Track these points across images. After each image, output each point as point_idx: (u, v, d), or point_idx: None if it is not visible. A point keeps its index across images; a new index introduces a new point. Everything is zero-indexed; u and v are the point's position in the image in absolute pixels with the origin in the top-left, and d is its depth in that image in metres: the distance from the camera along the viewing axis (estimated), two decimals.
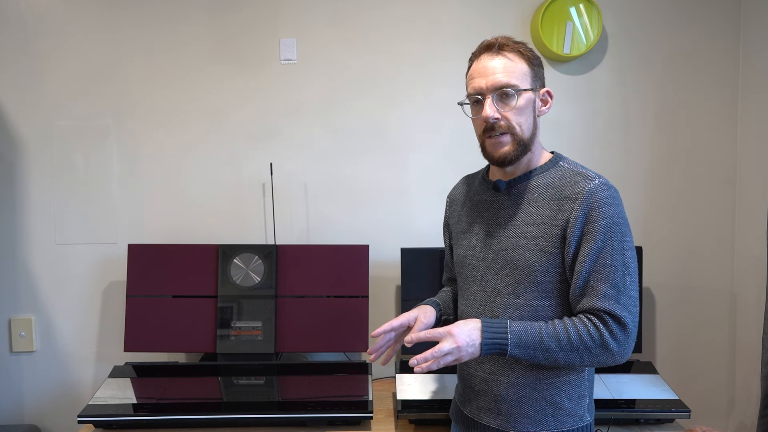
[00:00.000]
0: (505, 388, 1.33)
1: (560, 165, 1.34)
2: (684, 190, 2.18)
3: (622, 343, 1.23)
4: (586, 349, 1.22)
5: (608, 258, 1.23)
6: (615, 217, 1.24)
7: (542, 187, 1.31)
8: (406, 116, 2.15)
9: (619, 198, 1.28)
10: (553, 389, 1.31)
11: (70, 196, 2.12)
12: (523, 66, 1.30)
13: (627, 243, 1.26)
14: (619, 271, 1.24)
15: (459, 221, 1.47)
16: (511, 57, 1.29)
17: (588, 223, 1.24)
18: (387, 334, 1.38)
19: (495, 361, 1.34)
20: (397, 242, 2.13)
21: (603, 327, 1.22)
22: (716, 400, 2.22)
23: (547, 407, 1.31)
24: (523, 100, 1.28)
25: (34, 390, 2.16)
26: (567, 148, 2.11)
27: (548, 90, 1.35)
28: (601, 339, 1.22)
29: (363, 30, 2.13)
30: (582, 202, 1.25)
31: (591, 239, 1.24)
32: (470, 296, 1.39)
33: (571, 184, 1.28)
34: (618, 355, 1.24)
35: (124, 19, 2.10)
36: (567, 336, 1.22)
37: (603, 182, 1.27)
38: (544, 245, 1.28)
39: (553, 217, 1.28)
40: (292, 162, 2.15)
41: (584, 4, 2.06)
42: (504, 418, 1.33)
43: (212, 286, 2.01)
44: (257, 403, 1.72)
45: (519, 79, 1.28)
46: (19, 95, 2.10)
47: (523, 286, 1.30)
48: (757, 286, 2.05)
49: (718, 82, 2.16)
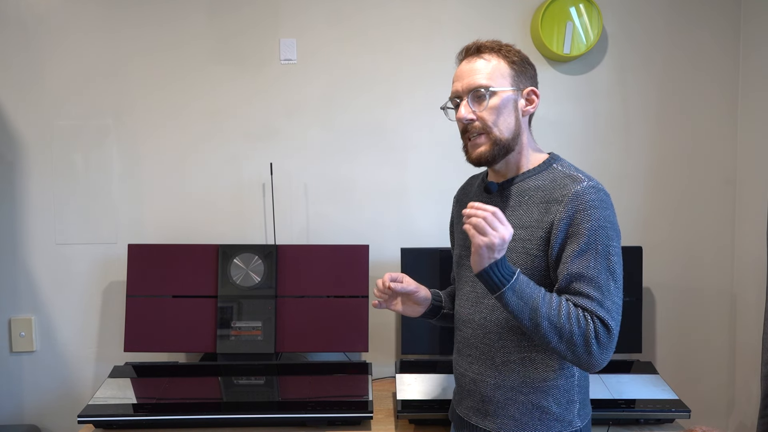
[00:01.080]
0: (492, 390, 1.33)
1: (553, 167, 1.32)
2: (684, 190, 2.18)
3: (603, 346, 1.19)
4: (570, 332, 1.18)
5: (592, 261, 1.20)
6: (601, 221, 1.22)
7: (533, 189, 1.31)
8: (406, 116, 2.15)
9: (608, 202, 1.25)
10: (539, 393, 1.29)
11: (70, 196, 2.12)
12: (501, 66, 1.30)
13: (613, 248, 1.22)
14: (603, 275, 1.21)
15: (459, 221, 1.48)
16: (488, 58, 1.30)
17: (573, 225, 1.22)
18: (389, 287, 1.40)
19: (483, 362, 1.34)
20: (397, 242, 2.13)
21: (591, 321, 1.19)
22: (716, 400, 2.22)
23: (533, 410, 1.30)
24: (498, 99, 1.28)
25: (34, 390, 2.16)
26: (567, 148, 2.11)
27: (533, 89, 1.32)
28: (586, 329, 1.18)
29: (363, 30, 2.13)
30: (567, 204, 1.23)
31: (575, 241, 1.22)
32: (463, 296, 1.40)
33: (560, 187, 1.26)
34: (595, 357, 1.19)
35: (124, 19, 2.10)
36: (558, 309, 1.19)
37: (592, 185, 1.24)
38: (529, 248, 1.27)
39: (540, 219, 1.27)
40: (292, 162, 2.15)
41: (584, 4, 2.06)
42: (491, 420, 1.33)
43: (212, 286, 2.00)
44: (257, 403, 1.72)
45: (494, 80, 1.28)
46: (19, 95, 2.10)
47: None
48: (757, 287, 2.05)
49: (718, 81, 2.16)
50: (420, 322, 1.99)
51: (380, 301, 1.42)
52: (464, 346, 1.39)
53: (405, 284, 1.40)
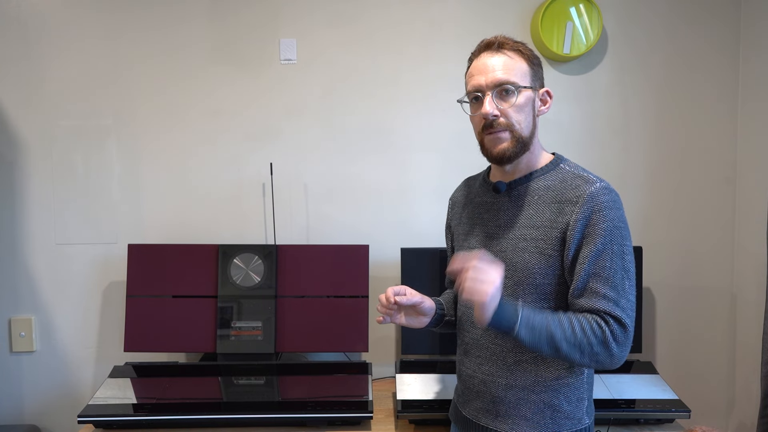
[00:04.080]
0: (504, 390, 1.33)
1: (561, 167, 1.34)
2: (684, 189, 2.18)
3: (621, 344, 1.22)
4: (589, 344, 1.21)
5: (608, 261, 1.23)
6: (616, 221, 1.24)
7: (543, 189, 1.31)
8: (406, 116, 2.15)
9: (620, 202, 1.28)
10: (551, 392, 1.30)
11: (70, 196, 2.12)
12: (522, 64, 1.30)
13: (627, 247, 1.26)
14: (618, 274, 1.24)
15: (460, 223, 1.47)
16: (510, 55, 1.30)
17: (589, 226, 1.24)
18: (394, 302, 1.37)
19: (494, 362, 1.34)
20: (397, 242, 2.13)
21: (605, 326, 1.22)
22: (716, 400, 2.22)
23: (545, 409, 1.31)
24: (522, 97, 1.29)
25: (34, 390, 2.16)
26: (567, 148, 2.11)
27: (548, 90, 1.35)
28: (603, 336, 1.21)
29: (363, 30, 2.13)
30: (583, 206, 1.25)
31: (592, 242, 1.24)
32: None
33: (573, 188, 1.28)
34: (617, 356, 1.23)
35: (125, 21, 2.10)
36: (571, 328, 1.22)
37: (604, 186, 1.27)
38: (543, 247, 1.28)
39: (554, 219, 1.28)
40: (292, 162, 2.15)
41: (584, 4, 2.06)
42: (502, 420, 1.33)
43: (212, 286, 2.01)
44: (257, 403, 1.72)
45: (519, 77, 1.29)
46: (20, 95, 2.10)
47: (521, 287, 1.30)
48: (757, 286, 2.05)
49: (718, 81, 2.16)
50: None
51: (384, 317, 1.39)
52: (473, 347, 1.39)
53: (409, 296, 1.37)
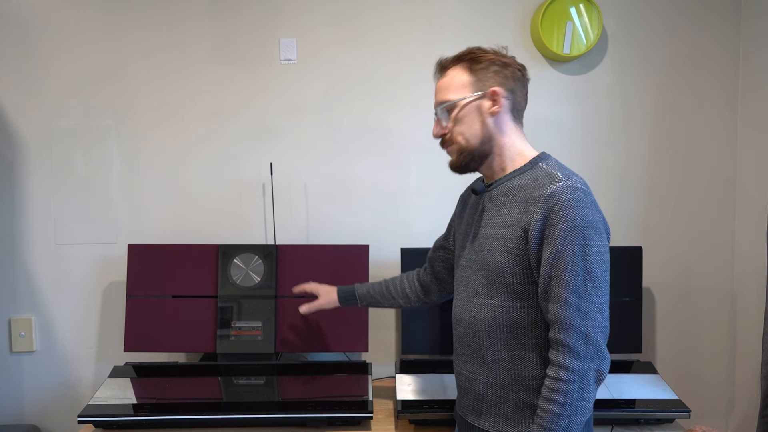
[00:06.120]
0: (485, 388, 1.34)
1: (538, 166, 1.31)
2: (684, 190, 2.18)
3: (589, 356, 1.19)
4: (571, 401, 1.19)
5: (568, 263, 1.20)
6: (577, 221, 1.20)
7: (516, 188, 1.31)
8: (406, 116, 2.15)
9: (585, 200, 1.23)
10: (530, 391, 1.30)
11: (70, 196, 2.12)
12: (461, 76, 1.33)
13: (591, 247, 1.21)
14: (579, 276, 1.20)
15: (460, 222, 1.50)
16: (449, 73, 1.35)
17: (548, 226, 1.22)
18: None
19: (475, 360, 1.36)
20: (397, 242, 2.13)
21: (556, 376, 1.20)
22: (716, 400, 2.22)
23: (524, 409, 1.30)
24: (457, 110, 1.33)
25: (34, 390, 2.16)
26: (567, 148, 2.12)
27: (494, 89, 1.31)
28: (566, 387, 1.19)
29: (363, 30, 2.13)
30: (543, 205, 1.23)
31: (550, 243, 1.22)
32: (458, 296, 1.42)
33: (539, 186, 1.26)
34: (594, 367, 1.20)
35: (125, 20, 2.09)
36: (551, 408, 1.20)
37: (568, 184, 1.23)
38: (510, 246, 1.28)
39: (519, 218, 1.27)
40: (292, 162, 2.15)
41: (584, 4, 2.06)
42: (485, 418, 1.35)
43: (212, 286, 2.00)
44: (257, 403, 1.72)
45: (454, 92, 1.33)
46: (20, 95, 2.09)
47: (495, 286, 1.31)
48: (757, 286, 2.05)
49: (718, 81, 2.16)
50: (420, 322, 2.00)
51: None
52: (459, 345, 1.41)
53: (307, 309, 1.76)
